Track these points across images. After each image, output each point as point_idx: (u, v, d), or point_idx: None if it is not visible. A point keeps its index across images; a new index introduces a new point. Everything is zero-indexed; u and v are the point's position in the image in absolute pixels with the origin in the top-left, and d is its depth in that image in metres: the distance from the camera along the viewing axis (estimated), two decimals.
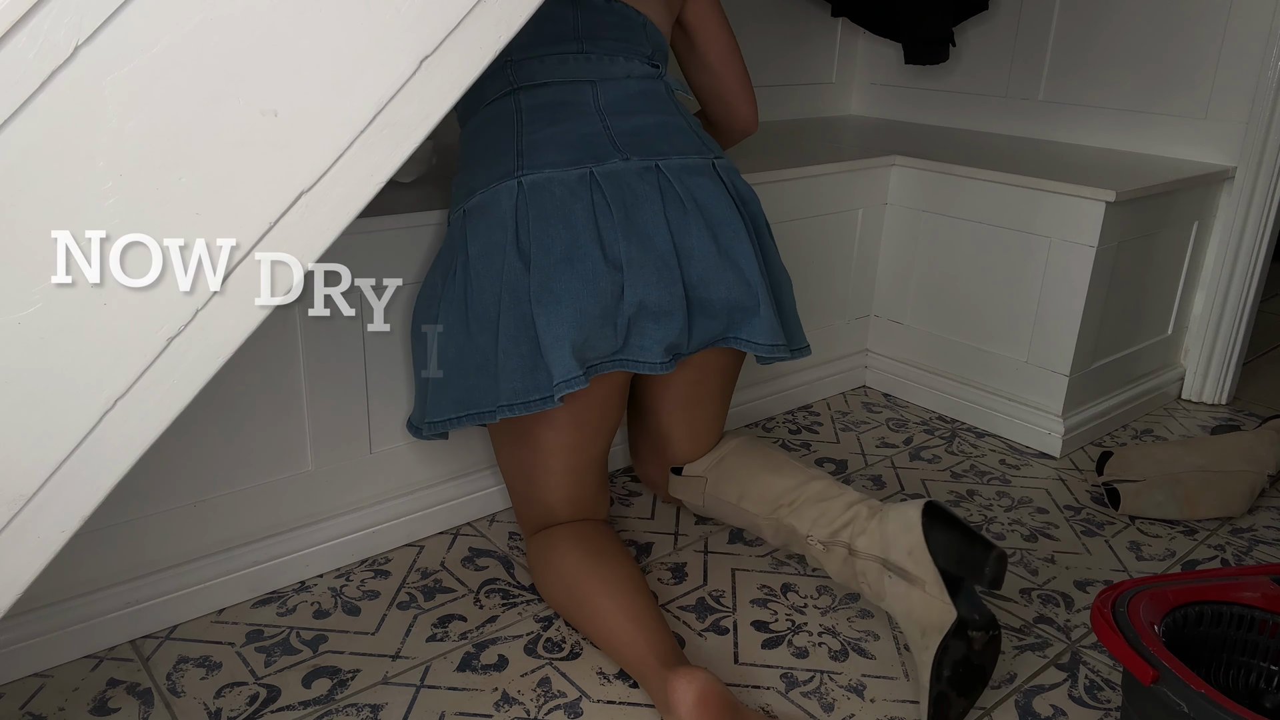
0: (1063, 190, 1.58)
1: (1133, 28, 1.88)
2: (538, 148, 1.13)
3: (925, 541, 1.03)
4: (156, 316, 0.73)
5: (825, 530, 1.14)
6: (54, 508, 0.73)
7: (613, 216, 1.11)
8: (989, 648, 1.02)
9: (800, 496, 1.18)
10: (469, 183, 1.16)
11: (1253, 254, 1.81)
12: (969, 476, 1.59)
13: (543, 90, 1.18)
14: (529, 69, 1.18)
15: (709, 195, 1.16)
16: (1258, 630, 0.97)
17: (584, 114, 1.17)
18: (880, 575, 1.07)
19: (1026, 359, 1.69)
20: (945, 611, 1.00)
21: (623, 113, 1.18)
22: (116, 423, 0.73)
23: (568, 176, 1.11)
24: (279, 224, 0.76)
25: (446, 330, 1.13)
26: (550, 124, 1.15)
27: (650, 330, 1.13)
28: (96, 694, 1.04)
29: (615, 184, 1.12)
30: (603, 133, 1.15)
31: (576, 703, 1.05)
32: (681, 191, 1.15)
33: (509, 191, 1.10)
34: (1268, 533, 1.45)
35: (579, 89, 1.18)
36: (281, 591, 1.22)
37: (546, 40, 1.18)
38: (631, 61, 1.21)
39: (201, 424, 1.12)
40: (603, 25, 1.20)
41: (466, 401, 1.13)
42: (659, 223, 1.13)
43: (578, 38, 1.19)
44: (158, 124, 0.69)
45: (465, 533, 1.37)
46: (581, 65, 1.19)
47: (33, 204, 0.67)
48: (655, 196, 1.13)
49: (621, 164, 1.13)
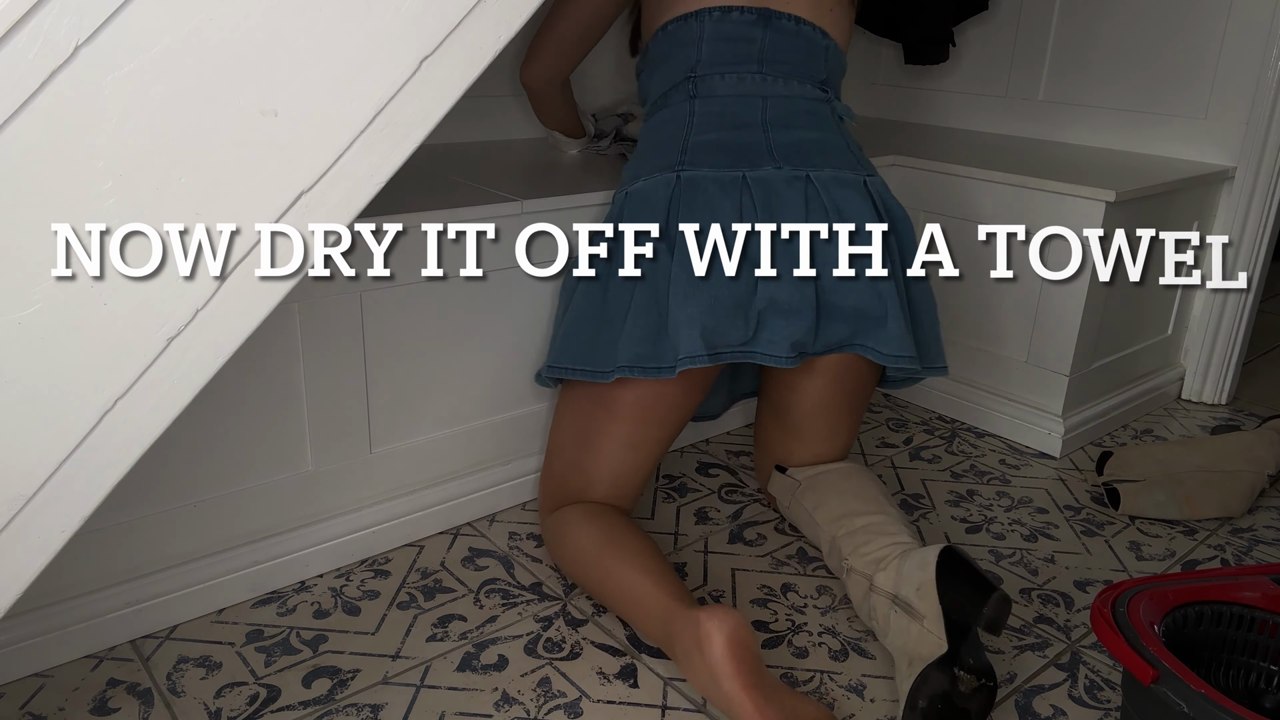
0: (1063, 190, 1.58)
1: (1133, 28, 1.88)
2: (700, 150, 1.24)
3: (935, 580, 1.02)
4: (156, 316, 0.73)
5: (861, 560, 1.14)
6: (54, 508, 0.73)
7: (757, 216, 1.19)
8: (977, 695, 0.99)
9: (860, 524, 1.19)
10: (636, 169, 1.28)
11: (1253, 254, 1.81)
12: (969, 476, 1.59)
13: (715, 101, 1.29)
14: (709, 84, 1.29)
15: (853, 208, 1.23)
16: (1258, 630, 0.97)
17: (749, 126, 1.27)
18: (888, 611, 1.07)
19: (1026, 359, 1.69)
20: (937, 645, 0.99)
21: (785, 127, 1.27)
22: (116, 423, 0.73)
23: (722, 176, 1.21)
24: (279, 224, 0.76)
25: (586, 292, 1.24)
26: (716, 130, 1.27)
27: (779, 326, 1.18)
28: (96, 694, 1.04)
29: (764, 188, 1.21)
30: (762, 143, 1.25)
31: (576, 703, 1.05)
32: (827, 202, 1.22)
33: (667, 183, 1.22)
34: (1268, 533, 1.45)
35: (749, 103, 1.29)
36: (281, 591, 1.22)
37: (731, 60, 1.29)
38: (804, 85, 1.31)
39: (201, 424, 1.12)
40: (787, 49, 1.30)
41: (585, 358, 1.22)
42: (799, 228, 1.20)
43: (760, 60, 1.29)
44: (158, 124, 0.69)
45: (465, 533, 1.37)
46: (757, 84, 1.29)
47: (33, 204, 0.67)
48: (800, 203, 1.21)
49: (774, 171, 1.22)
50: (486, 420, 1.39)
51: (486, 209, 1.28)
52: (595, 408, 1.26)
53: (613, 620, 1.18)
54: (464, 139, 1.73)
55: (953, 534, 1.41)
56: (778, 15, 1.28)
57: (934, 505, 1.49)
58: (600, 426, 1.26)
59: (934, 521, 1.44)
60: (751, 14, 1.28)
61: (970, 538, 1.40)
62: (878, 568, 1.11)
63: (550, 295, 1.40)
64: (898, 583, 1.06)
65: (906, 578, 1.05)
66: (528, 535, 1.37)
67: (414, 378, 1.29)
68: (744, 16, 1.28)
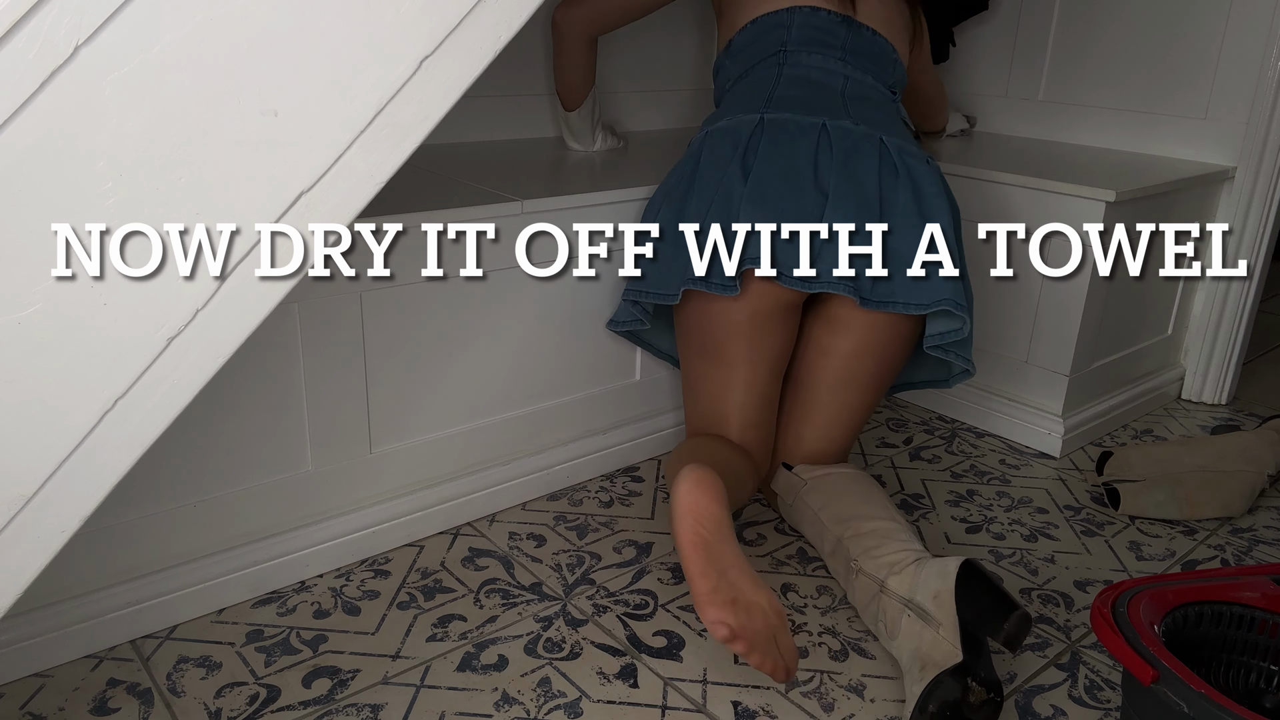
0: (1063, 190, 1.58)
1: (1133, 28, 1.88)
2: (785, 100, 1.34)
3: (955, 590, 1.02)
4: (156, 316, 0.73)
5: (873, 563, 1.14)
6: (54, 508, 0.73)
7: (832, 156, 1.27)
8: (985, 708, 0.99)
9: (869, 527, 1.19)
10: (721, 114, 1.38)
11: (1253, 254, 1.81)
12: (969, 476, 1.59)
13: (802, 68, 1.39)
14: (797, 57, 1.40)
15: (922, 174, 1.30)
16: (1258, 630, 0.97)
17: (830, 92, 1.37)
18: (899, 614, 1.07)
19: (1026, 359, 1.69)
20: (952, 653, 0.99)
21: (861, 102, 1.37)
22: (116, 423, 0.73)
23: (804, 121, 1.30)
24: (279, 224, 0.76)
25: (664, 224, 1.33)
26: (802, 88, 1.36)
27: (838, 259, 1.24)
28: (96, 694, 1.04)
29: (842, 136, 1.29)
30: (841, 105, 1.34)
31: (576, 703, 1.05)
32: (898, 162, 1.29)
33: (751, 122, 1.32)
34: (1268, 533, 1.45)
35: (832, 76, 1.39)
36: (281, 591, 1.22)
37: (819, 44, 1.40)
38: (878, 83, 1.42)
39: (201, 424, 1.12)
40: (865, 51, 1.42)
41: (658, 281, 1.31)
42: (872, 173, 1.27)
43: (844, 49, 1.41)
44: (157, 124, 0.69)
45: (465, 533, 1.37)
46: (840, 65, 1.40)
47: (33, 204, 0.67)
48: (874, 154, 1.29)
49: (852, 126, 1.30)
50: (486, 420, 1.39)
51: (486, 209, 1.28)
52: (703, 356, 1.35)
53: (613, 620, 1.18)
54: (464, 139, 1.73)
55: (953, 534, 1.41)
56: (859, 25, 1.42)
57: (934, 505, 1.49)
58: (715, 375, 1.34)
59: (934, 521, 1.44)
60: (838, 17, 1.41)
61: (970, 538, 1.40)
62: (890, 571, 1.10)
63: (551, 295, 1.41)
64: (913, 588, 1.06)
65: (923, 584, 1.05)
66: (528, 535, 1.37)
67: (414, 378, 1.29)
68: (831, 17, 1.41)
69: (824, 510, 1.26)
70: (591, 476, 1.54)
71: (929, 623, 1.02)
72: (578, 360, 1.48)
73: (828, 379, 1.36)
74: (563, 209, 1.36)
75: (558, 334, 1.44)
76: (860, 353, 1.33)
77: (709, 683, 1.08)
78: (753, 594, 0.98)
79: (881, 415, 1.81)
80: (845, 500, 1.26)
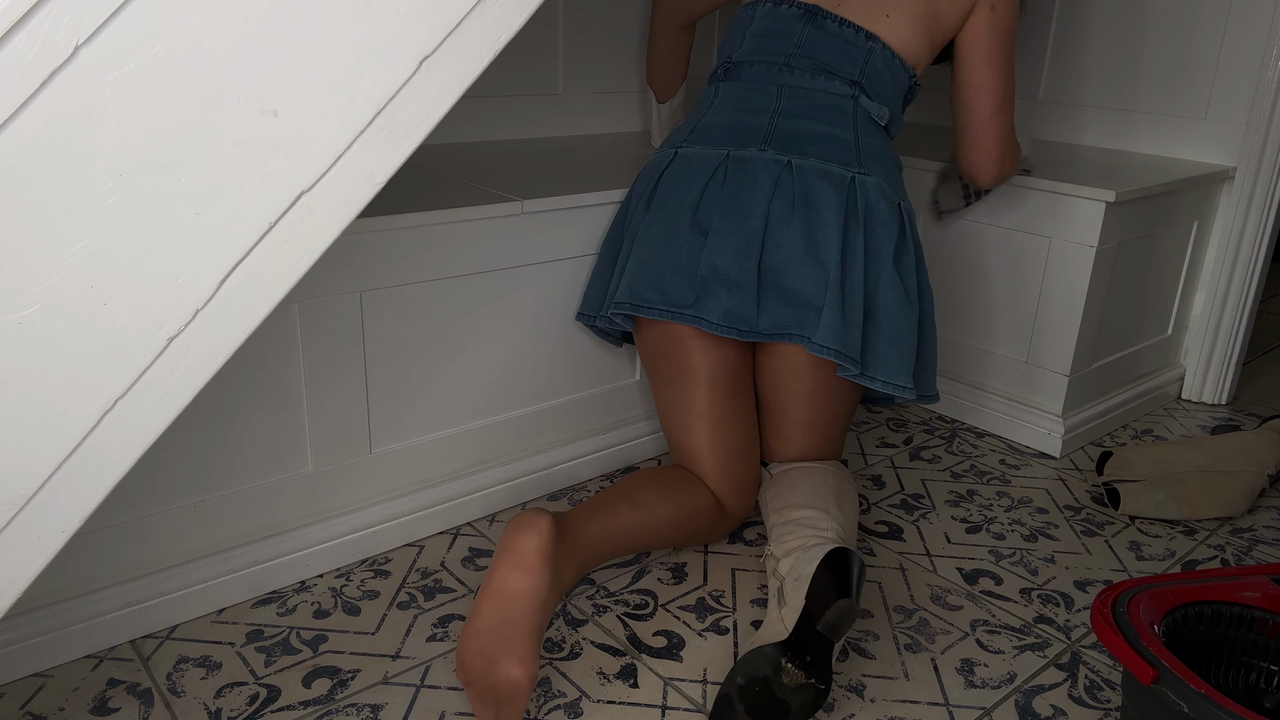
0: (1063, 190, 1.58)
1: (1132, 28, 1.88)
2: (707, 129, 1.35)
3: (812, 576, 1.01)
4: (156, 316, 0.73)
5: (780, 547, 1.15)
6: (54, 508, 0.73)
7: (722, 193, 1.26)
8: (801, 692, 0.97)
9: (795, 515, 1.20)
10: (661, 147, 1.40)
11: (1252, 254, 1.81)
12: (969, 476, 1.59)
13: (738, 85, 1.38)
14: (738, 71, 1.39)
15: (823, 198, 1.25)
16: (1258, 630, 0.97)
17: (759, 111, 1.34)
18: (774, 598, 1.08)
19: (1026, 359, 1.69)
20: (780, 631, 0.99)
21: (794, 116, 1.32)
22: (116, 423, 0.73)
23: (709, 154, 1.31)
24: (279, 224, 0.76)
25: (601, 254, 1.40)
26: (730, 112, 1.35)
27: (720, 295, 1.22)
28: (96, 694, 1.04)
29: (741, 168, 1.28)
30: (764, 128, 1.31)
31: (576, 703, 1.05)
32: (797, 189, 1.25)
33: (666, 158, 1.34)
34: (1268, 533, 1.45)
35: (766, 89, 1.35)
36: (281, 591, 1.22)
37: (763, 54, 1.37)
38: (831, 81, 1.34)
39: (201, 424, 1.12)
40: (822, 47, 1.35)
41: (585, 304, 1.40)
42: (760, 207, 1.25)
43: (790, 54, 1.36)
44: (157, 124, 0.69)
45: (465, 533, 1.37)
46: (778, 75, 1.35)
47: (32, 204, 0.67)
48: (769, 185, 1.26)
49: (757, 154, 1.28)
50: (486, 420, 1.39)
51: (486, 209, 1.28)
52: (666, 399, 1.35)
53: (613, 620, 1.18)
54: (464, 139, 1.73)
55: (953, 534, 1.41)
56: (824, 14, 1.36)
57: (934, 505, 1.49)
58: (677, 417, 1.33)
59: (934, 521, 1.44)
60: (799, 8, 1.37)
61: (970, 538, 1.40)
62: (787, 555, 1.12)
63: (550, 296, 1.41)
64: (791, 571, 1.07)
65: (796, 568, 1.06)
66: None
67: (414, 378, 1.29)
68: (791, 10, 1.37)
69: (770, 503, 1.28)
70: (591, 476, 1.54)
71: (780, 603, 1.03)
72: (577, 360, 1.48)
73: (774, 397, 1.35)
74: (563, 209, 1.36)
75: (557, 334, 1.44)
76: (789, 374, 1.31)
77: (709, 683, 1.08)
78: (506, 673, 0.96)
79: (881, 415, 1.81)
80: (788, 492, 1.27)
